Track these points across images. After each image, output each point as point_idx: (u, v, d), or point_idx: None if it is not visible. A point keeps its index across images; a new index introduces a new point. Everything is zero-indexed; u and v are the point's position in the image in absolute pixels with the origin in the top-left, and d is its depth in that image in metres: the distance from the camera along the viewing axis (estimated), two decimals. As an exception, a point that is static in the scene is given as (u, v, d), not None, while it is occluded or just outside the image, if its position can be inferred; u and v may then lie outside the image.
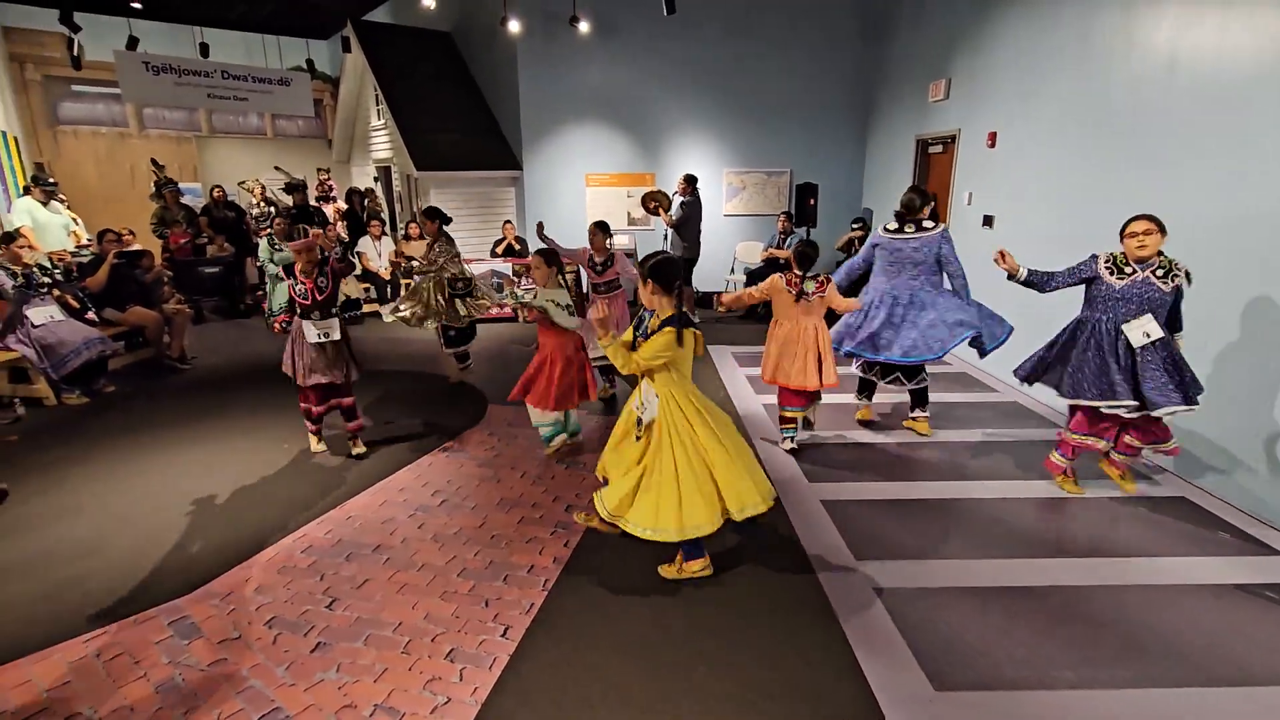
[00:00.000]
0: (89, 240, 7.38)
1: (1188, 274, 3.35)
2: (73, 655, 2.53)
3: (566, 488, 3.90)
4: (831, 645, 2.60)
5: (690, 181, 7.61)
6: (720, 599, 2.88)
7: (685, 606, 2.83)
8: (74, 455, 4.33)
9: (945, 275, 4.44)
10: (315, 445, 4.38)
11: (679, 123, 9.00)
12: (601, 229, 5.16)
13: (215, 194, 8.87)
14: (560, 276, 4.25)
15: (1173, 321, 3.48)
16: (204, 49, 9.89)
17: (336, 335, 4.05)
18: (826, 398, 5.16)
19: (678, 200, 7.66)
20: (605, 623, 2.73)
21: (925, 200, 4.41)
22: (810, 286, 4.11)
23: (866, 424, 4.86)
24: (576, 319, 4.17)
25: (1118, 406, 3.39)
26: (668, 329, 2.70)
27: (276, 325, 7.44)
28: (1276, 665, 2.49)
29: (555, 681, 2.42)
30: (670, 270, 2.74)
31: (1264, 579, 3.02)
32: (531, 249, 8.72)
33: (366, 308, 8.51)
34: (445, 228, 5.47)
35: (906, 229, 4.37)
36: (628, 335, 2.91)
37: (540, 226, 5.21)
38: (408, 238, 8.28)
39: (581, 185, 9.10)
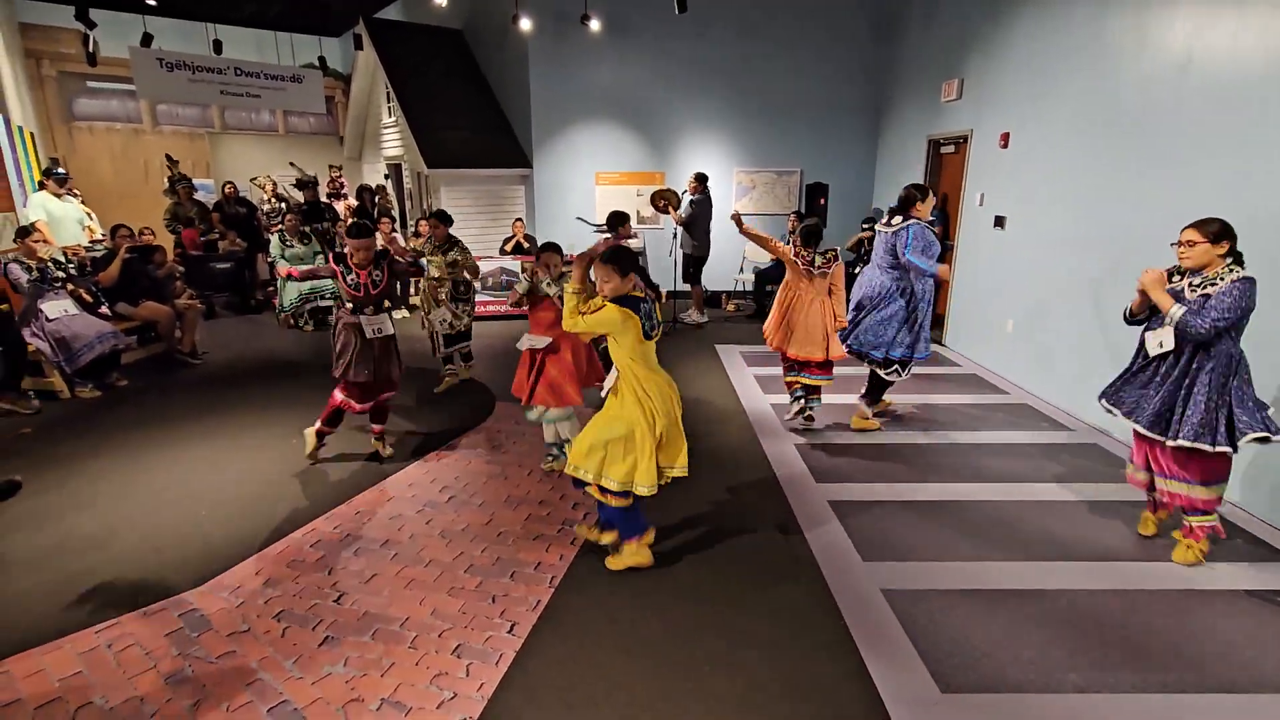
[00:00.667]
0: (103, 235, 7.45)
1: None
2: (84, 646, 2.57)
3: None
4: (837, 645, 2.60)
5: (700, 180, 7.60)
6: (726, 598, 2.88)
7: (691, 605, 2.83)
8: (86, 449, 4.38)
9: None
10: (312, 444, 4.14)
11: (689, 121, 8.99)
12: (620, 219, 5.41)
13: (226, 190, 8.94)
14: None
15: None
16: (217, 46, 9.96)
17: (390, 330, 3.99)
18: (835, 397, 5.16)
19: (687, 199, 7.65)
20: (611, 620, 2.74)
21: (922, 196, 4.36)
22: (818, 261, 4.41)
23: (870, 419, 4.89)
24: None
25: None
26: (610, 305, 2.83)
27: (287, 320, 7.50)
28: (1287, 672, 2.47)
29: (561, 678, 2.43)
30: (623, 256, 2.92)
31: (1276, 586, 2.99)
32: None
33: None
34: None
35: (885, 220, 4.57)
36: (597, 302, 2.91)
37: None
38: (418, 235, 8.30)
39: (591, 183, 9.10)
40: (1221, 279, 2.88)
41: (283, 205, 9.21)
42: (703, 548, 3.27)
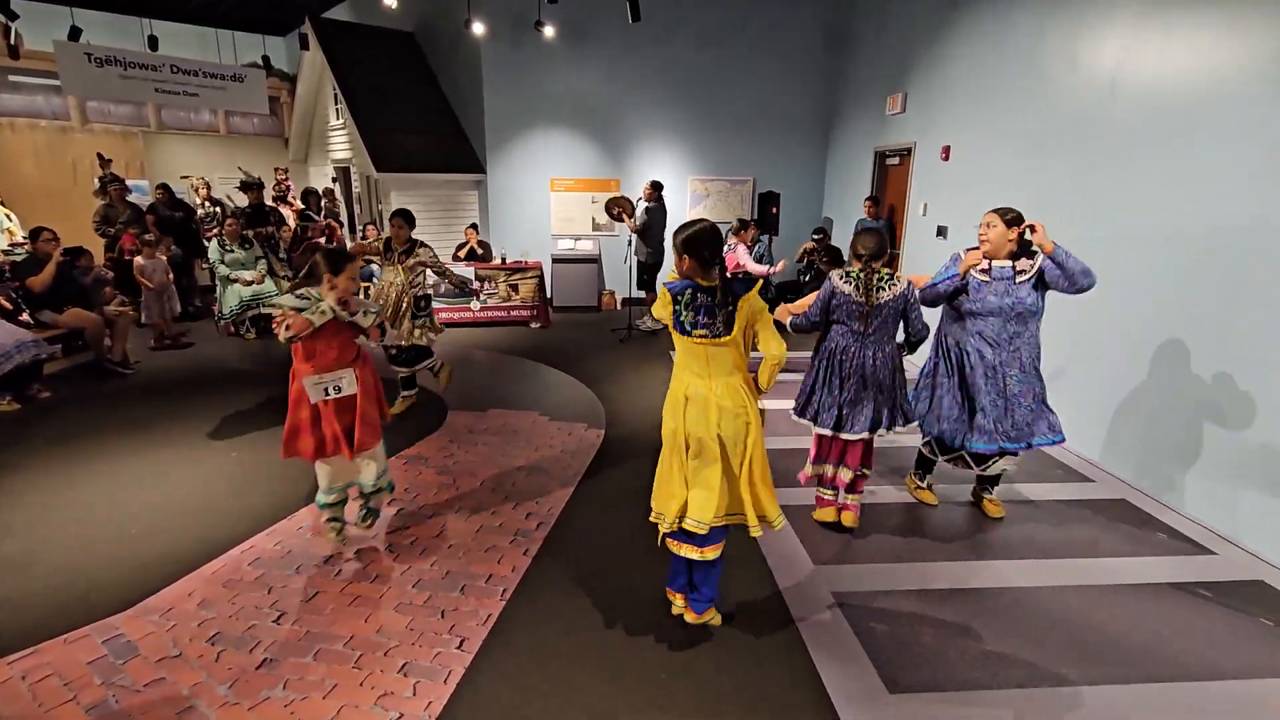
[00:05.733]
0: (23, 239, 7.03)
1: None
2: (-4, 678, 2.39)
3: (527, 496, 3.86)
4: (789, 649, 2.62)
5: (655, 187, 7.64)
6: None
7: (645, 615, 2.82)
8: (4, 465, 4.10)
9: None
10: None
11: (644, 129, 9.04)
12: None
13: (158, 194, 8.53)
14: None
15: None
16: (153, 42, 9.55)
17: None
18: (777, 404, 5.25)
19: (642, 206, 7.68)
20: (565, 633, 2.71)
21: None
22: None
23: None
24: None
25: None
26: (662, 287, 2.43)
27: (227, 328, 7.21)
28: (1209, 660, 2.61)
29: (514, 693, 2.38)
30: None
31: (1196, 577, 3.16)
32: (496, 253, 8.65)
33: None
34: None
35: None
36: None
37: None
38: (365, 240, 8.10)
39: (546, 189, 9.05)
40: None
41: (217, 210, 8.86)
42: (656, 554, 3.25)
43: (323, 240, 7.99)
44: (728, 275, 2.39)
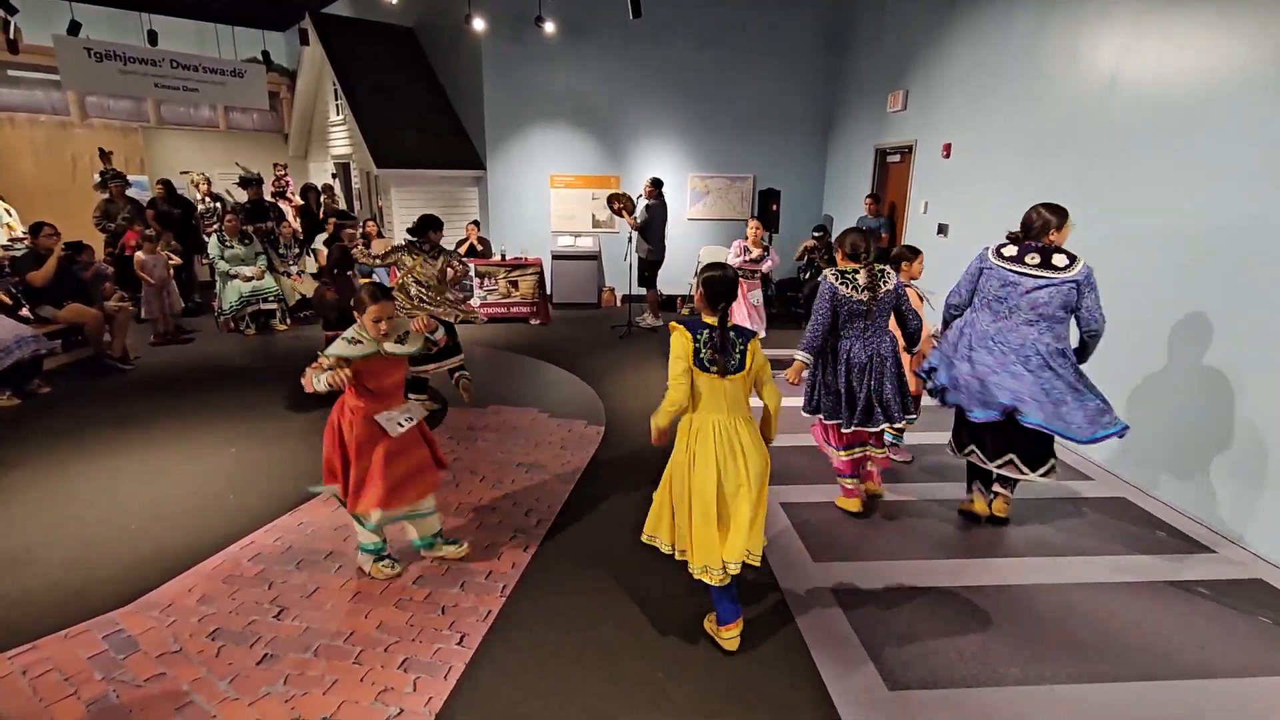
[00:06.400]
0: (23, 234, 7.02)
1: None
2: (-3, 673, 2.40)
3: (527, 493, 3.86)
4: (789, 648, 2.63)
5: (656, 184, 7.63)
6: (679, 605, 2.88)
7: (645, 613, 2.82)
8: (4, 461, 4.10)
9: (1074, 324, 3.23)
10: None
11: (645, 126, 9.02)
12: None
13: (158, 189, 8.51)
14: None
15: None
16: (152, 37, 9.53)
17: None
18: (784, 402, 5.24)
19: (642, 203, 7.67)
20: (565, 630, 2.71)
21: (1062, 220, 3.21)
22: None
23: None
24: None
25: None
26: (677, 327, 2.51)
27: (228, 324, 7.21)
28: (1207, 658, 2.61)
29: (513, 690, 2.38)
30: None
31: (1195, 575, 3.17)
32: (495, 249, 8.64)
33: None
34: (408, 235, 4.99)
35: (1029, 260, 3.17)
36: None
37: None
38: (365, 237, 8.09)
39: (546, 186, 9.04)
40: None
41: (218, 205, 8.85)
42: (657, 554, 3.25)
43: (357, 240, 7.91)
44: (729, 322, 2.50)
